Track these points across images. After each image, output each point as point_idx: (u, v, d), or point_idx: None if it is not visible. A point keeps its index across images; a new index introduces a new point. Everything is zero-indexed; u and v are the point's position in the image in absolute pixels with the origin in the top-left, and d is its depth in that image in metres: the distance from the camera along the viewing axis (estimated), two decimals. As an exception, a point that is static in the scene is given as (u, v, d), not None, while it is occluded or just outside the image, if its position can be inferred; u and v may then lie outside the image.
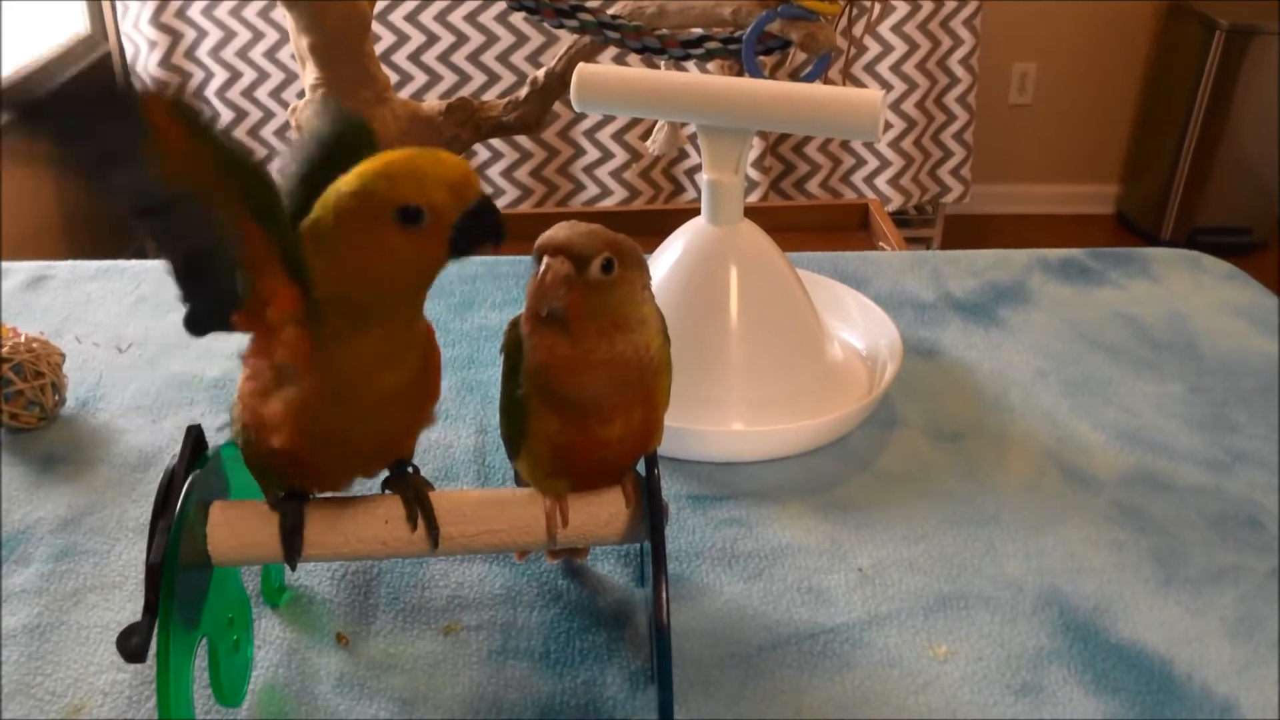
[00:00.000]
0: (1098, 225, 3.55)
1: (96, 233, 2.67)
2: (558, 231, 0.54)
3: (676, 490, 0.76)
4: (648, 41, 1.13)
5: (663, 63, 1.15)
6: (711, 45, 1.12)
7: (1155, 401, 0.87)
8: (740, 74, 1.16)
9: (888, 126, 2.73)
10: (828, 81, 1.14)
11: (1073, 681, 0.61)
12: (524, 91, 1.46)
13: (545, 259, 0.53)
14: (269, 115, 2.58)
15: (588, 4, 1.14)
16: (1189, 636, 0.65)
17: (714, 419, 0.79)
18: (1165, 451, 0.81)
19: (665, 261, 0.83)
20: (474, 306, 1.00)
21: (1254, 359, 0.93)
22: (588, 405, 0.56)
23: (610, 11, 1.19)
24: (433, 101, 1.51)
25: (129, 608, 0.65)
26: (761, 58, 1.16)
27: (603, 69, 0.80)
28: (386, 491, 0.57)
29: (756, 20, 1.08)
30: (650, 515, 0.55)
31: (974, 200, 3.19)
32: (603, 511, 0.57)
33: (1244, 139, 3.27)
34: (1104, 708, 0.60)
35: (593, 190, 2.68)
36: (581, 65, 0.79)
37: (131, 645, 0.49)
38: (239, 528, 0.55)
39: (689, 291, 0.81)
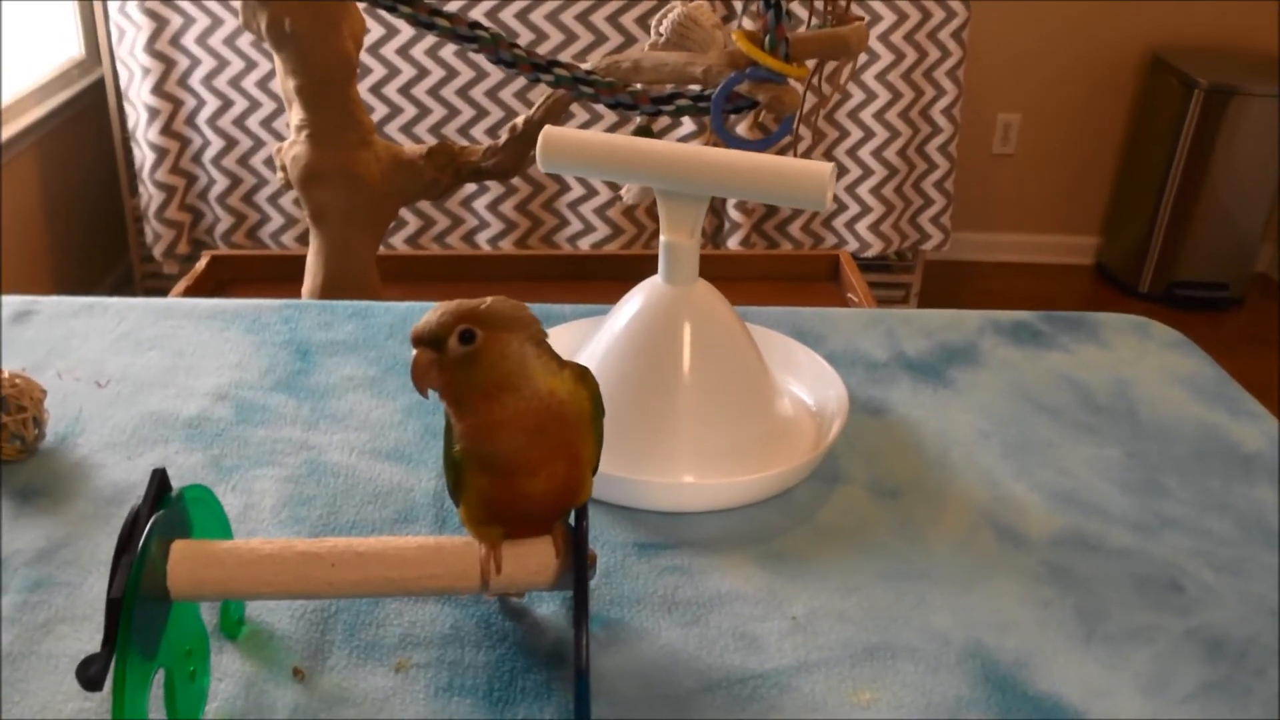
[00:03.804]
0: (1077, 275, 3.60)
1: (81, 265, 2.71)
2: (420, 321, 0.59)
3: (623, 538, 0.79)
4: (620, 98, 1.17)
5: (638, 116, 1.20)
6: (682, 103, 1.17)
7: (1092, 465, 0.91)
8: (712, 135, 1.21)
9: (869, 173, 2.79)
10: (808, 126, 1.18)
11: (988, 732, 0.65)
12: (503, 139, 1.50)
13: (413, 350, 0.58)
14: (259, 144, 2.62)
15: (564, 59, 1.18)
16: (1104, 691, 0.68)
17: (663, 470, 0.83)
18: (1097, 514, 0.85)
19: (623, 316, 0.87)
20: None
21: (1188, 426, 0.97)
22: (509, 461, 0.60)
23: (586, 66, 1.23)
24: (414, 146, 1.55)
25: (97, 639, 0.68)
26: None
27: (566, 133, 0.84)
28: None
29: (725, 81, 1.13)
30: (575, 566, 0.59)
31: (955, 247, 3.24)
32: (532, 561, 0.61)
33: (1222, 195, 3.32)
34: (1015, 758, 0.63)
35: (576, 226, 2.73)
36: (547, 129, 0.83)
37: (90, 674, 0.52)
38: (198, 566, 0.58)
39: (644, 347, 0.85)
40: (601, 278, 1.88)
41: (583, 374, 0.63)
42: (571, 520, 0.63)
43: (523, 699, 0.65)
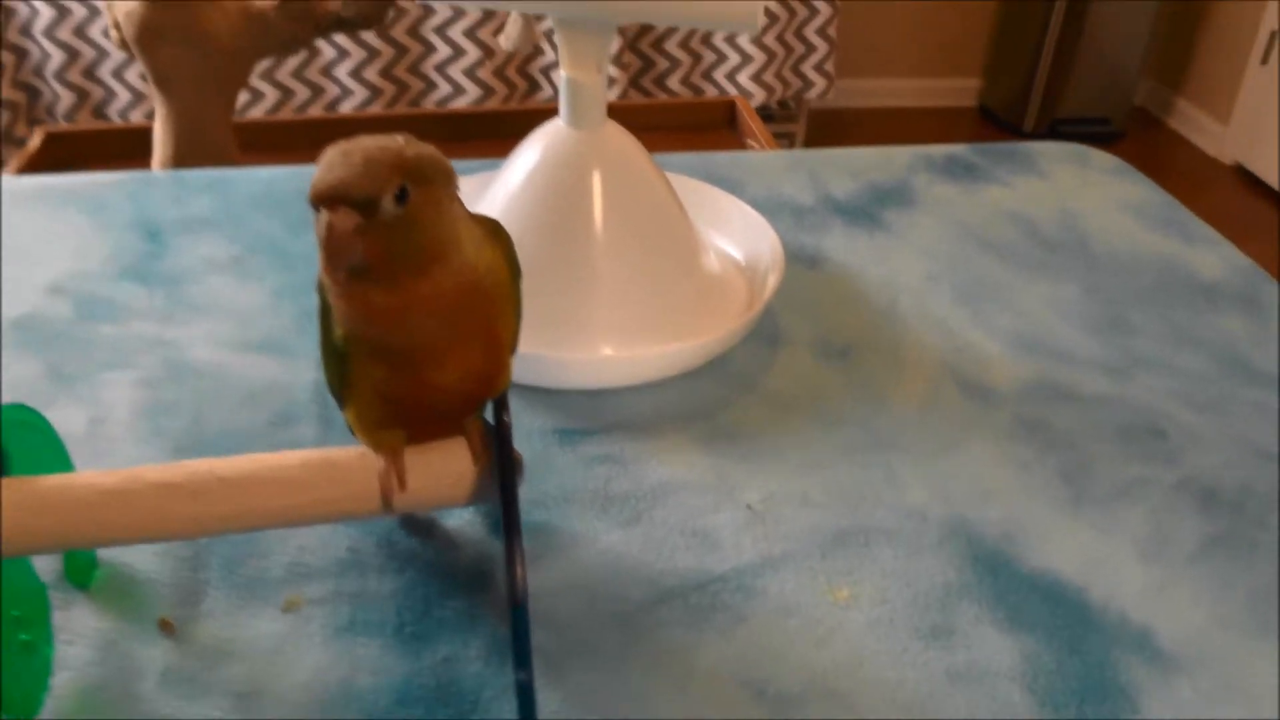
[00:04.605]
0: (961, 118, 3.54)
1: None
2: (330, 173, 0.43)
3: (541, 424, 0.68)
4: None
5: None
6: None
7: (1050, 304, 0.82)
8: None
9: (751, 20, 2.65)
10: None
11: (984, 620, 0.56)
12: (364, -15, 1.34)
13: (323, 214, 0.43)
14: (95, 12, 2.38)
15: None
16: (1101, 561, 0.60)
17: (580, 344, 0.71)
18: (1064, 358, 0.76)
19: (520, 169, 0.75)
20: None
21: (1144, 256, 0.89)
22: (416, 350, 0.47)
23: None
24: (264, -2, 1.38)
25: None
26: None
27: (441, -48, 0.70)
28: None
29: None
30: (500, 473, 0.47)
31: (838, 94, 3.14)
32: (445, 470, 0.50)
33: (1102, 32, 3.27)
34: (1019, 646, 0.55)
35: (445, 89, 2.55)
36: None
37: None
38: (21, 512, 0.45)
39: (547, 203, 0.73)
40: (482, 137, 1.74)
41: (494, 230, 0.50)
42: (490, 416, 0.51)
43: (442, 633, 0.54)
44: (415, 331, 0.46)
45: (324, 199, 0.43)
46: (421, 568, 0.58)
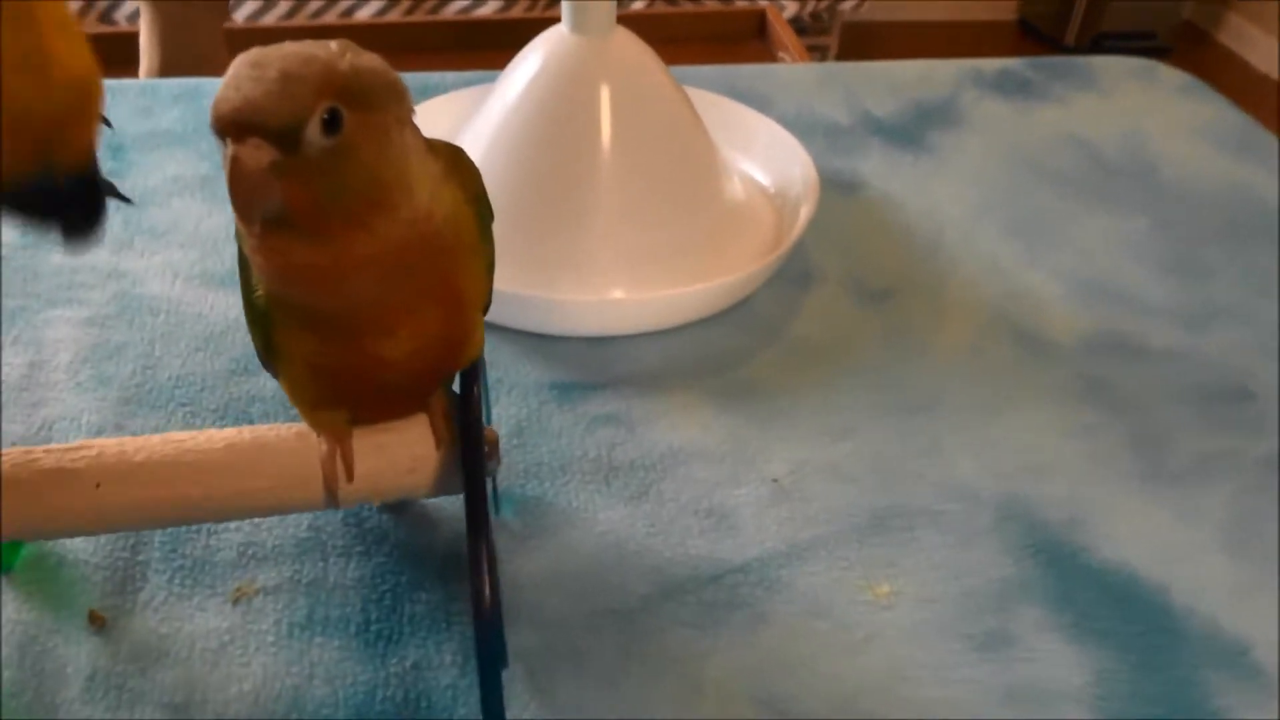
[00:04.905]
0: (1000, 33, 3.40)
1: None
2: (235, 91, 0.33)
3: (536, 378, 0.60)
4: None
5: None
6: None
7: (1116, 242, 0.73)
8: None
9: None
10: None
11: (1047, 626, 0.48)
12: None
13: (229, 146, 0.33)
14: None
15: None
16: (1182, 553, 0.52)
17: (581, 284, 0.62)
18: (1133, 305, 0.67)
19: (517, 81, 0.65)
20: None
21: (1219, 186, 0.79)
22: (353, 318, 0.38)
23: None
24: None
25: None
26: None
27: None
28: None
29: None
30: (466, 461, 0.39)
31: (871, 8, 3.01)
32: (400, 455, 0.41)
33: (1150, -65, 3.13)
34: (1090, 660, 0.46)
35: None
36: None
37: None
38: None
39: (547, 120, 0.64)
40: (495, 47, 1.64)
41: (456, 159, 0.40)
42: (458, 387, 0.43)
43: (412, 633, 0.46)
44: (351, 294, 0.36)
45: (227, 127, 0.33)
46: (391, 551, 0.49)
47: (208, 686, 0.44)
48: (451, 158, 0.39)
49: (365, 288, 0.36)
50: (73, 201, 0.30)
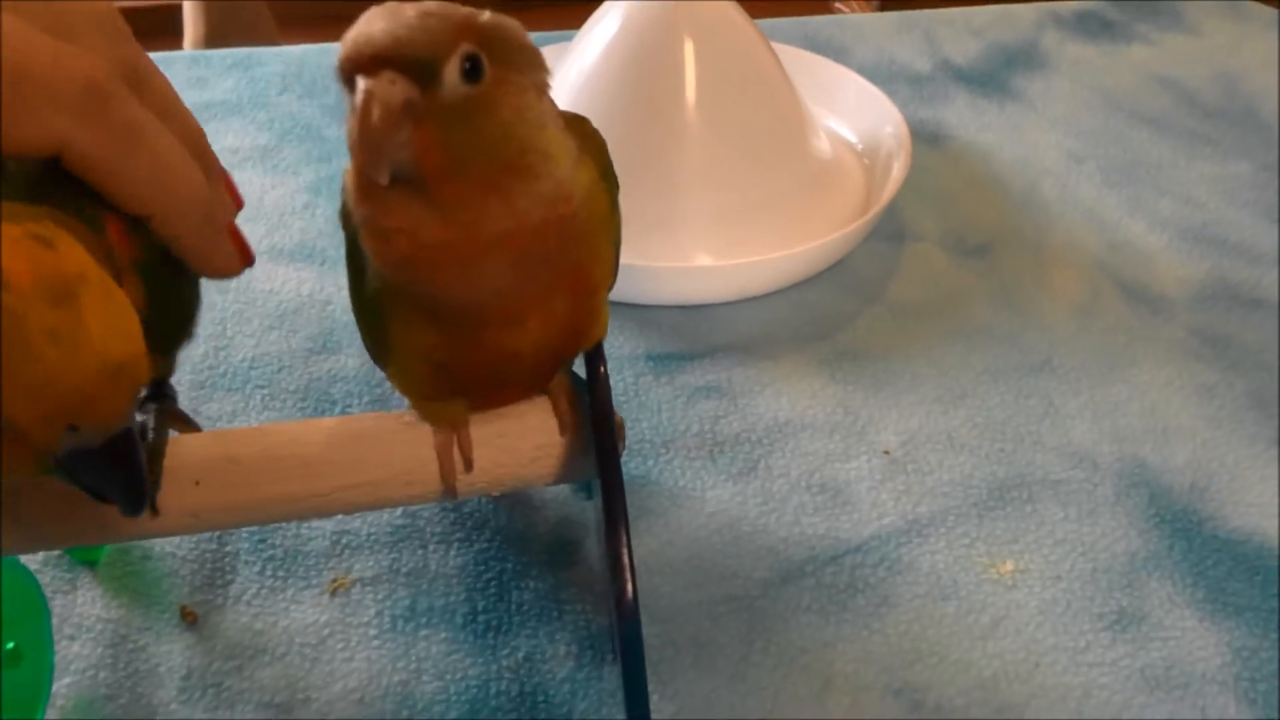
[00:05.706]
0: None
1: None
2: (372, 24, 0.30)
3: (630, 348, 0.57)
4: None
5: None
6: None
7: (1219, 187, 0.70)
8: None
9: None
10: None
11: (1180, 602, 0.45)
12: None
13: (361, 82, 0.30)
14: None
15: None
16: (1316, 517, 0.49)
17: (671, 250, 0.60)
18: (1243, 254, 0.64)
19: (596, 42, 0.62)
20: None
21: (1327, 124, 0.76)
22: (483, 310, 0.35)
23: None
24: None
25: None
26: None
27: None
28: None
29: None
30: (600, 448, 0.36)
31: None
32: (524, 444, 0.39)
33: None
34: (1228, 638, 0.44)
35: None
36: None
37: None
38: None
39: (629, 81, 0.61)
40: (557, 3, 1.60)
41: (586, 133, 0.37)
42: (582, 370, 0.40)
43: (522, 624, 0.44)
44: (481, 281, 0.33)
45: (362, 60, 0.30)
46: (492, 538, 0.47)
47: (309, 684, 0.42)
48: (582, 130, 0.36)
49: (497, 274, 0.33)
50: (110, 463, 0.29)
